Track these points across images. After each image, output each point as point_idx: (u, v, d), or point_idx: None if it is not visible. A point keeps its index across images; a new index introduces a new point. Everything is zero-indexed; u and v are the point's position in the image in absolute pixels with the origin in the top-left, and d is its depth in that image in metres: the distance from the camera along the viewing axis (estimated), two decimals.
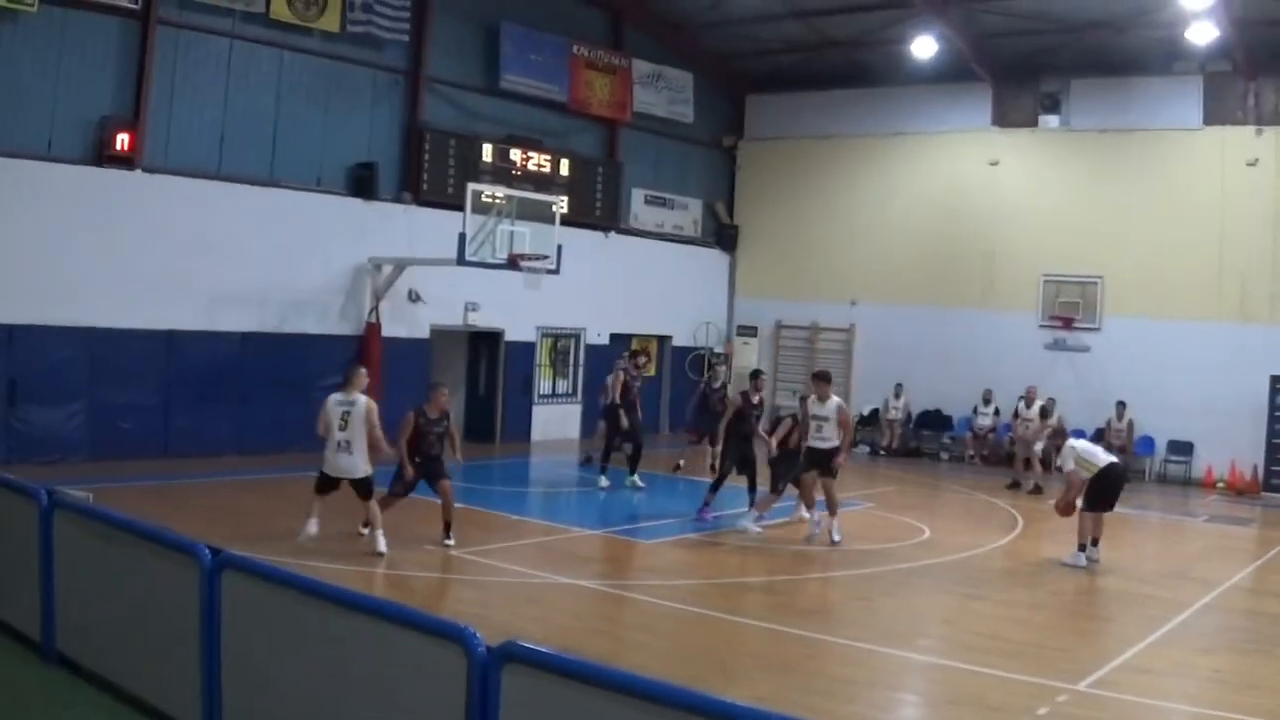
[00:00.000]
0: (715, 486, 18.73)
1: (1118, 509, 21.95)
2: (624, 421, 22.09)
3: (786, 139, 33.53)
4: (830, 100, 32.75)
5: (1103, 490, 16.56)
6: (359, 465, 14.46)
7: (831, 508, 17.29)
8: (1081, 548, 16.46)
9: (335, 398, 14.57)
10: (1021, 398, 25.99)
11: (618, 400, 22.15)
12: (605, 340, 30.27)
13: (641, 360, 22.04)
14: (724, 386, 24.21)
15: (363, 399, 14.44)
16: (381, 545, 14.64)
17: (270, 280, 23.37)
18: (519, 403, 28.41)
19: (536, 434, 28.78)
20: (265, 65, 23.45)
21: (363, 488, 14.61)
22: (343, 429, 14.33)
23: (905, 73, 29.95)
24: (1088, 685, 10.55)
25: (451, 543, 15.62)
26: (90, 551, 8.92)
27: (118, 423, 21.05)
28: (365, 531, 15.29)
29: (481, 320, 27.05)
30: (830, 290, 32.34)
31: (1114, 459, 17.10)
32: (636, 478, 21.96)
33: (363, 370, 15.24)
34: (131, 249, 21.27)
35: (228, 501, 18.12)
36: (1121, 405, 26.91)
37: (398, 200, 25.63)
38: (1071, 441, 17.66)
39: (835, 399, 17.75)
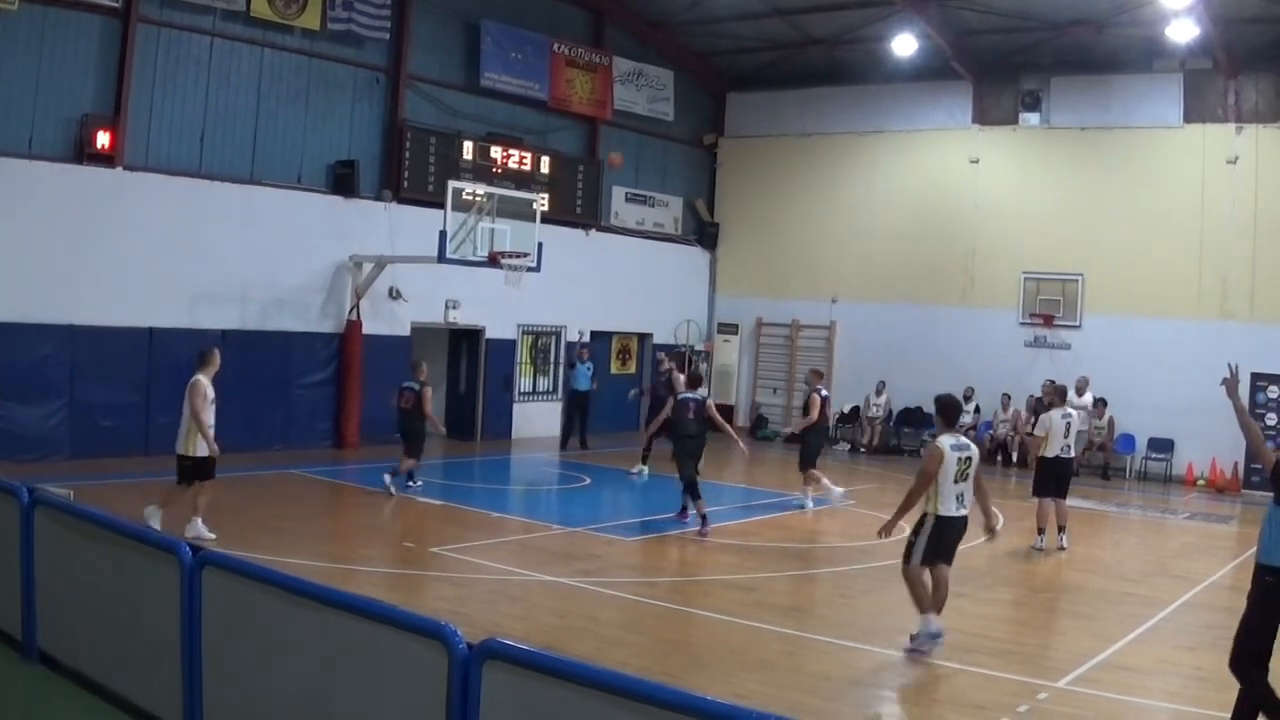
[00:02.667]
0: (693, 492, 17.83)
1: (1099, 505, 22.09)
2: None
3: (767, 137, 33.57)
4: (811, 98, 32.80)
5: (1042, 477, 17.57)
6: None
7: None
8: (1040, 532, 17.40)
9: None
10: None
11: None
12: (586, 338, 30.25)
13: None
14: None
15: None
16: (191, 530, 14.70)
17: (251, 278, 23.34)
18: (500, 400, 28.38)
19: (517, 432, 28.76)
20: (246, 63, 23.42)
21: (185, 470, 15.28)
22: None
23: (886, 70, 30.00)
24: (1068, 682, 10.59)
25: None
26: (71, 549, 8.89)
27: (99, 420, 21.01)
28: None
29: (462, 318, 27.05)
30: (811, 288, 32.39)
31: (1059, 455, 17.52)
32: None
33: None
34: (112, 247, 21.21)
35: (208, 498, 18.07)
36: (1101, 402, 27.02)
37: (378, 198, 25.60)
38: (1054, 413, 17.78)
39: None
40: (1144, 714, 10.16)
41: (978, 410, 29.06)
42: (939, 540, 11.62)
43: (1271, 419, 25.64)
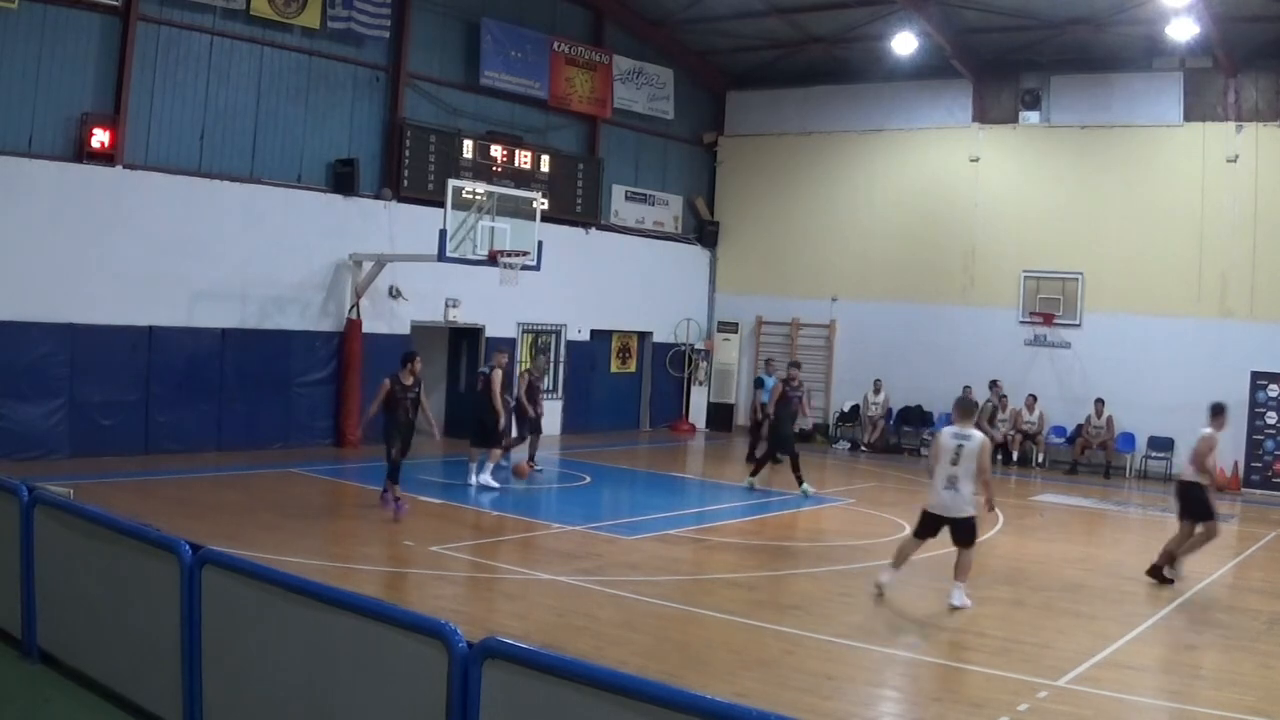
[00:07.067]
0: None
1: (1099, 504, 22.11)
2: (764, 431, 22.09)
3: (767, 135, 33.57)
4: (811, 96, 32.81)
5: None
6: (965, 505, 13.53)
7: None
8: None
9: (951, 430, 13.70)
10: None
11: (771, 414, 22.14)
12: (586, 336, 30.29)
13: (795, 373, 22.41)
14: None
15: (978, 435, 13.62)
16: (957, 599, 13.51)
17: (251, 276, 23.33)
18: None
19: (517, 430, 28.68)
20: (246, 62, 23.40)
21: (965, 531, 13.65)
22: (954, 464, 13.41)
23: (886, 69, 30.01)
24: (1068, 681, 10.58)
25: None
26: (71, 547, 8.89)
27: (99, 419, 20.99)
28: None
29: (462, 316, 27.04)
30: (811, 286, 32.40)
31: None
32: (807, 485, 21.62)
33: (975, 401, 14.33)
34: (112, 245, 21.20)
35: (208, 497, 18.07)
36: (1100, 403, 27.05)
37: (378, 196, 25.59)
38: None
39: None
40: (1144, 712, 10.15)
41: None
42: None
43: (1271, 417, 25.63)
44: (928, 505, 13.69)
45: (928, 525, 13.70)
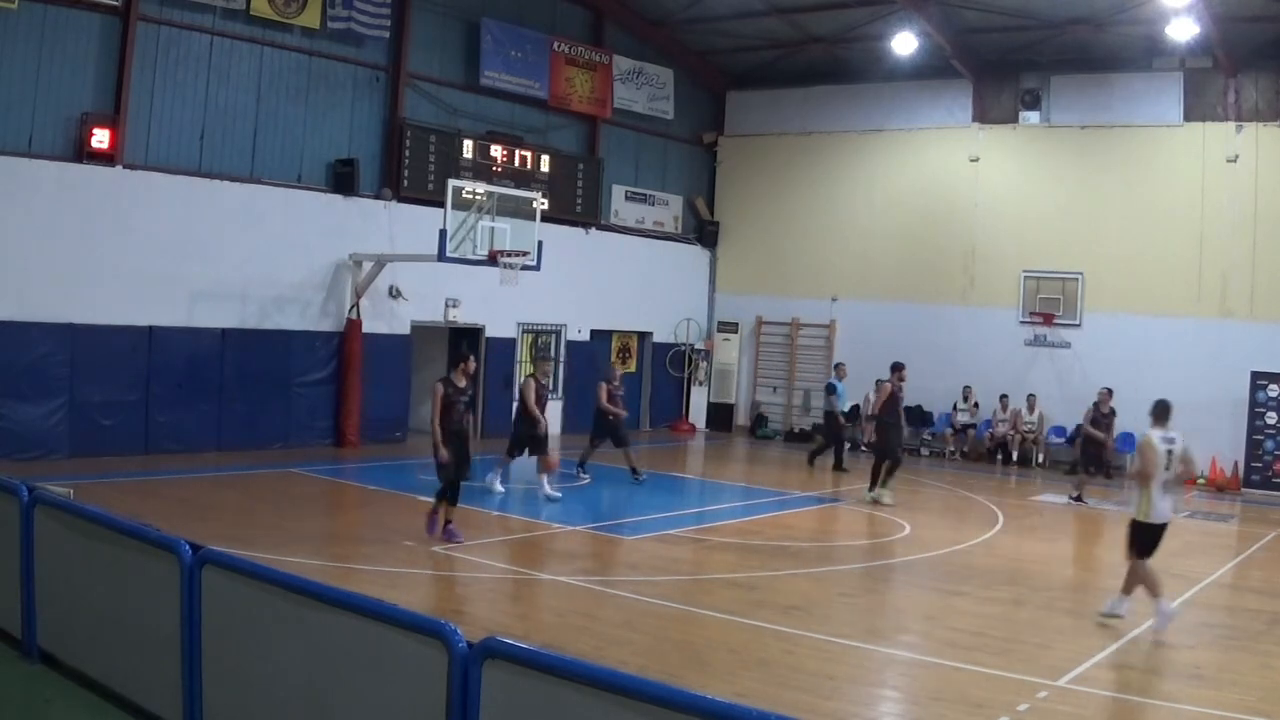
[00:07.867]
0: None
1: (1099, 504, 22.08)
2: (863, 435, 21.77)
3: (767, 135, 33.57)
4: (811, 97, 32.81)
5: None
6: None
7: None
8: None
9: (1159, 434, 12.95)
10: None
11: (877, 412, 21.92)
12: (586, 336, 30.29)
13: (903, 373, 22.10)
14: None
15: (1179, 436, 13.08)
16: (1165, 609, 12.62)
17: (251, 276, 23.32)
18: (500, 399, 28.29)
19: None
20: (245, 62, 23.40)
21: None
22: (1168, 468, 12.87)
23: (886, 69, 29.99)
24: (1068, 681, 10.58)
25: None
26: (71, 547, 8.89)
27: (99, 419, 20.99)
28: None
29: (462, 316, 27.03)
30: (811, 286, 32.39)
31: None
32: (879, 492, 21.36)
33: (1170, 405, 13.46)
34: (112, 245, 21.20)
35: (208, 497, 18.07)
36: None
37: (378, 196, 25.59)
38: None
39: None
40: (1143, 713, 10.15)
41: (976, 406, 29.09)
42: None
43: (1271, 418, 25.62)
44: (1149, 518, 12.87)
45: (1155, 539, 12.99)
